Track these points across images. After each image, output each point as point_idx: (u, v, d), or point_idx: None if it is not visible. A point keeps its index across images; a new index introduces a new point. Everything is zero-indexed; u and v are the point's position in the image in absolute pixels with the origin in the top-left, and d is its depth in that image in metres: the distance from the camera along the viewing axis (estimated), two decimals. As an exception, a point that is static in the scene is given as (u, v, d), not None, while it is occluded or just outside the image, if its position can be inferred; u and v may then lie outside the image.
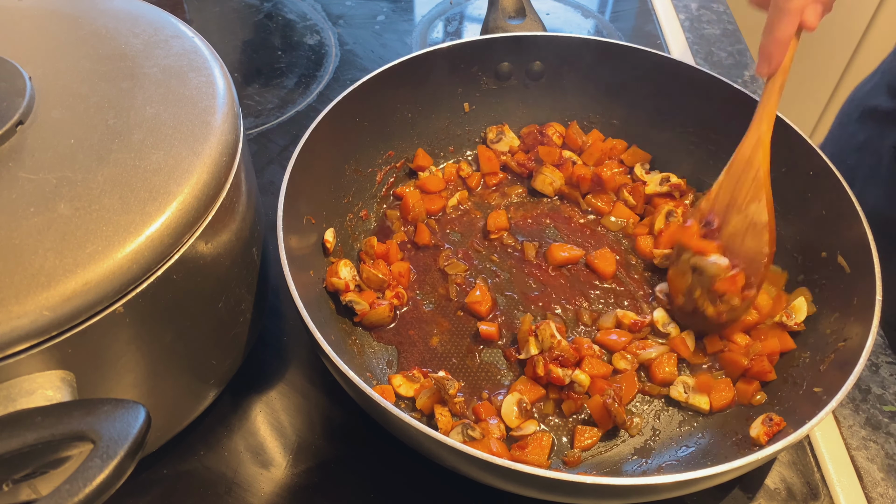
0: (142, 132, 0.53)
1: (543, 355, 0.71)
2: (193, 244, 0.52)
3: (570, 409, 0.71)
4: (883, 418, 0.74)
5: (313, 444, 0.69)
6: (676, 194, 0.86)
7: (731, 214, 0.75)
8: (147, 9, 0.65)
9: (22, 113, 0.52)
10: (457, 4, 1.26)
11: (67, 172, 0.50)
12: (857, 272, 0.69)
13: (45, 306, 0.44)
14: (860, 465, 0.70)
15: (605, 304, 0.80)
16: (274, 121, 1.02)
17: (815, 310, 0.73)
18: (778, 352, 0.72)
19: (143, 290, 0.48)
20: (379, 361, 0.74)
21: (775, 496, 0.68)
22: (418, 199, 0.86)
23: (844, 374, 0.60)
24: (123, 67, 0.58)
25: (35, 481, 0.48)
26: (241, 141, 0.58)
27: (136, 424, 0.41)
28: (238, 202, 0.58)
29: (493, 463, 0.51)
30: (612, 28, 1.24)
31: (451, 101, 0.91)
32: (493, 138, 0.92)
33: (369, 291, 0.77)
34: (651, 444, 0.69)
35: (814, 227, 0.77)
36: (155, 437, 0.62)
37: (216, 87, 0.58)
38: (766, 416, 0.66)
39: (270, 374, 0.74)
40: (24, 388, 0.45)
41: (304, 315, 0.59)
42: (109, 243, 0.47)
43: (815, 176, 0.76)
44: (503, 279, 0.82)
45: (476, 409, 0.69)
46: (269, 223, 0.66)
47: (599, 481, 0.52)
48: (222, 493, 0.65)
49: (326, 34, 1.18)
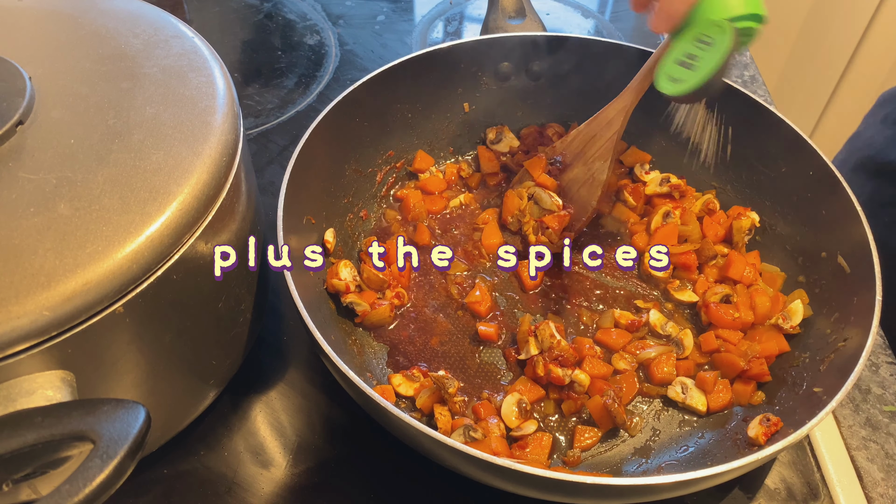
0: (142, 132, 0.53)
1: (543, 355, 0.71)
2: (193, 244, 0.52)
3: (570, 409, 0.71)
4: (883, 418, 0.74)
5: (313, 444, 0.69)
6: (676, 195, 0.86)
7: (578, 163, 0.82)
8: (147, 9, 0.65)
9: (22, 113, 0.52)
10: (457, 4, 1.26)
11: (67, 172, 0.50)
12: (857, 272, 0.69)
13: (45, 306, 0.44)
14: (860, 465, 0.70)
15: (604, 304, 0.80)
16: (274, 121, 1.02)
17: (811, 313, 0.73)
18: (774, 354, 0.72)
19: (143, 290, 0.49)
20: (379, 361, 0.74)
21: (775, 496, 0.68)
22: (419, 199, 0.86)
23: (844, 375, 0.60)
24: (123, 67, 0.58)
25: (35, 481, 0.48)
26: (241, 141, 0.58)
27: (136, 424, 0.41)
28: (238, 202, 0.58)
29: (493, 463, 0.51)
30: (612, 28, 1.24)
31: (451, 101, 0.91)
32: (493, 139, 0.92)
33: (369, 292, 0.77)
34: (651, 444, 0.69)
35: (814, 227, 0.77)
36: (155, 437, 0.62)
37: (216, 87, 0.58)
38: (764, 416, 0.66)
39: (270, 374, 0.74)
40: (24, 388, 0.45)
41: (305, 315, 0.59)
42: (109, 243, 0.47)
43: (815, 176, 0.76)
44: (503, 279, 0.82)
45: (476, 409, 0.69)
46: (269, 223, 0.66)
47: (599, 481, 0.52)
48: (222, 493, 0.65)
49: (326, 34, 1.18)
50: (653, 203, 0.87)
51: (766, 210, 0.83)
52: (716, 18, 0.66)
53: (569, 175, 0.84)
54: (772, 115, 0.79)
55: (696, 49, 0.67)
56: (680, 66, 0.68)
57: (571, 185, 0.83)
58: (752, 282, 0.78)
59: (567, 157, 0.84)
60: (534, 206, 0.84)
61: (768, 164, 0.82)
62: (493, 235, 0.84)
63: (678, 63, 0.69)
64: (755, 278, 0.79)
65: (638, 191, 0.87)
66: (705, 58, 0.66)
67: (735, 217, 0.83)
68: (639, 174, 0.89)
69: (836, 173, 0.73)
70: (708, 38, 0.66)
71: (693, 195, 0.87)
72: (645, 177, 0.89)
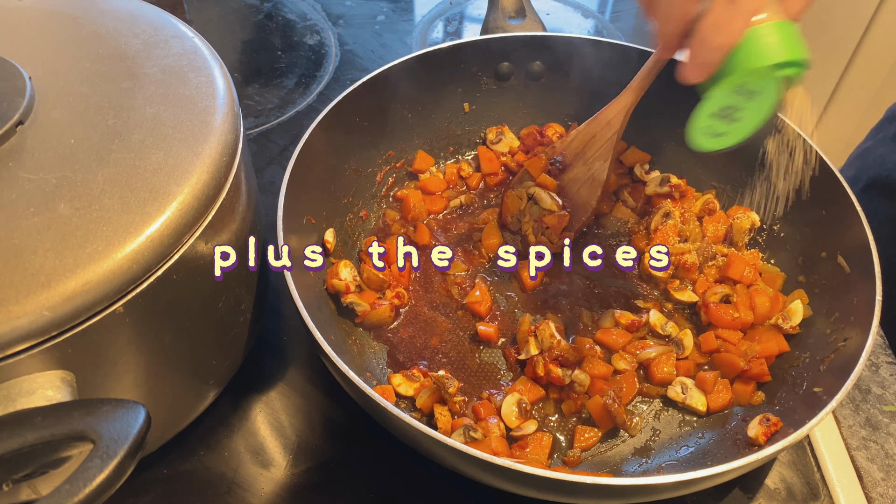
0: (142, 132, 0.53)
1: (543, 355, 0.71)
2: (193, 244, 0.52)
3: (570, 409, 0.71)
4: (883, 418, 0.74)
5: (313, 444, 0.69)
6: (676, 195, 0.86)
7: (578, 163, 0.82)
8: (147, 9, 0.65)
9: (22, 113, 0.52)
10: (457, 4, 1.26)
11: (67, 172, 0.50)
12: (857, 272, 0.69)
13: (45, 306, 0.44)
14: (860, 465, 0.70)
15: (604, 304, 0.80)
16: (274, 121, 1.02)
17: (811, 313, 0.73)
18: (774, 354, 0.72)
19: (143, 290, 0.48)
20: (379, 361, 0.74)
21: (775, 496, 0.68)
22: (419, 199, 0.86)
23: (844, 375, 0.60)
24: (123, 67, 0.58)
25: (35, 481, 0.48)
26: (241, 141, 0.58)
27: (136, 424, 0.41)
28: (238, 202, 0.58)
29: (493, 463, 0.51)
30: (612, 28, 1.24)
31: (451, 101, 0.91)
32: (493, 139, 0.92)
33: (369, 292, 0.77)
34: (651, 444, 0.69)
35: (814, 227, 0.77)
36: (155, 437, 0.62)
37: (216, 87, 0.58)
38: (763, 416, 0.66)
39: (270, 374, 0.74)
40: (24, 388, 0.45)
41: (305, 315, 0.59)
42: (109, 243, 0.47)
43: (815, 176, 0.76)
44: (503, 279, 0.82)
45: (476, 409, 0.69)
46: (269, 223, 0.66)
47: (599, 481, 0.52)
48: (222, 493, 0.65)
49: (326, 34, 1.18)
50: (653, 203, 0.87)
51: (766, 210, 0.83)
52: (756, 67, 0.57)
53: (569, 175, 0.84)
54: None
55: (736, 100, 0.60)
56: (720, 119, 0.62)
57: (571, 185, 0.83)
58: (751, 282, 0.78)
59: (567, 157, 0.84)
60: (534, 206, 0.84)
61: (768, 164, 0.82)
62: (493, 235, 0.84)
63: (718, 116, 0.62)
64: (755, 278, 0.79)
65: (638, 191, 0.87)
66: (750, 109, 0.60)
67: (735, 217, 0.83)
68: (639, 174, 0.89)
69: (836, 173, 0.73)
70: (754, 88, 0.59)
71: (693, 195, 0.87)
72: (645, 177, 0.89)
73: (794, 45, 0.57)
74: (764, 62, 0.57)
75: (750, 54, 0.57)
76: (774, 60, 0.56)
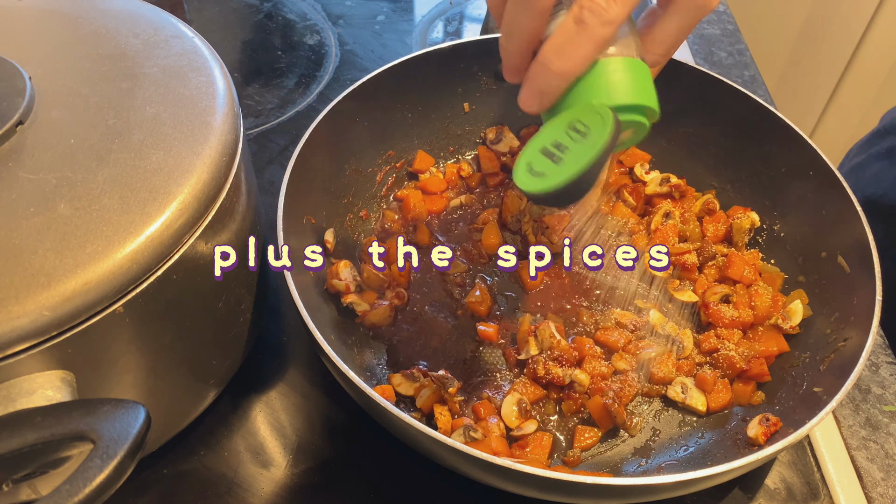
0: (142, 132, 0.53)
1: (543, 355, 0.71)
2: (193, 244, 0.52)
3: (570, 409, 0.71)
4: (883, 418, 0.74)
5: (313, 444, 0.69)
6: (676, 195, 0.86)
7: None
8: (147, 9, 0.65)
9: (22, 113, 0.52)
10: (457, 4, 1.26)
11: (67, 172, 0.50)
12: (857, 272, 0.69)
13: (45, 306, 0.44)
14: (860, 465, 0.70)
15: (604, 304, 0.80)
16: (274, 121, 1.02)
17: (811, 313, 0.73)
18: (774, 354, 0.72)
19: (143, 290, 0.49)
20: (379, 361, 0.74)
21: (775, 496, 0.68)
22: (419, 199, 0.86)
23: (844, 375, 0.60)
24: (123, 67, 0.58)
25: (35, 481, 0.48)
26: (241, 141, 0.58)
27: (136, 424, 0.41)
28: (238, 202, 0.58)
29: (493, 463, 0.51)
30: (612, 28, 1.24)
31: (451, 101, 0.91)
32: (493, 139, 0.92)
33: (369, 292, 0.77)
34: (651, 444, 0.69)
35: (814, 227, 0.77)
36: (155, 437, 0.62)
37: (216, 87, 0.58)
38: (763, 416, 0.66)
39: (270, 374, 0.74)
40: (24, 388, 0.45)
41: (305, 315, 0.59)
42: (109, 243, 0.47)
43: (815, 176, 0.76)
44: (503, 279, 0.82)
45: (476, 409, 0.69)
46: (269, 223, 0.66)
47: (599, 481, 0.52)
48: (222, 493, 0.65)
49: (326, 34, 1.18)
50: (653, 203, 0.87)
51: (766, 210, 0.83)
52: (597, 104, 0.49)
53: None
54: (772, 116, 0.79)
55: (566, 138, 0.49)
56: (545, 156, 0.50)
57: None
58: (751, 282, 0.78)
59: None
60: (534, 205, 0.84)
61: (768, 164, 0.82)
62: (493, 235, 0.84)
63: (543, 152, 0.50)
64: (755, 278, 0.79)
65: (638, 191, 0.87)
66: (575, 151, 0.48)
67: (735, 217, 0.83)
68: (639, 174, 0.89)
69: (836, 173, 0.74)
70: (584, 127, 0.49)
71: (693, 195, 0.87)
72: (645, 177, 0.89)
73: (645, 89, 0.50)
74: (607, 100, 0.49)
75: (592, 88, 0.49)
76: (616, 101, 0.49)
